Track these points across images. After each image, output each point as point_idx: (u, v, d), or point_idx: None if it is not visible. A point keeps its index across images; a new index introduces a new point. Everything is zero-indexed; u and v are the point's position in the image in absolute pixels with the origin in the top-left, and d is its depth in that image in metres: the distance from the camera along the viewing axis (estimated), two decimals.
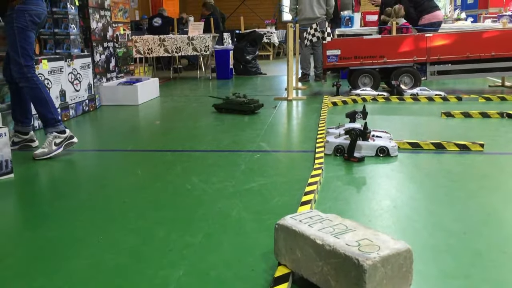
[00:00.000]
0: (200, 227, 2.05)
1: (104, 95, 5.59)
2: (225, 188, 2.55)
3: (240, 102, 4.76)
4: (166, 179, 2.75)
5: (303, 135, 3.84)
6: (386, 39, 6.03)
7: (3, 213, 2.34)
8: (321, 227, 1.53)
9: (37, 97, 3.28)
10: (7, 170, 2.83)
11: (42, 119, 3.31)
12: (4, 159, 2.81)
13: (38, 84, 3.25)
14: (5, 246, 1.92)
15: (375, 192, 2.44)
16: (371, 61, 5.78)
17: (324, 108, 4.81)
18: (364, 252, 1.34)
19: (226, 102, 4.88)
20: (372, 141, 3.09)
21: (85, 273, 1.69)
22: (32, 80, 3.22)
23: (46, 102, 3.30)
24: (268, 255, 1.76)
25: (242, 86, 7.30)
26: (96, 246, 1.90)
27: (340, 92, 5.81)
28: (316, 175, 2.60)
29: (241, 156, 3.20)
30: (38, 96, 3.27)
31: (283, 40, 13.34)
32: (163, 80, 8.05)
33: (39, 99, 3.28)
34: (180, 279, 1.62)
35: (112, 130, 4.41)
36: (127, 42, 6.65)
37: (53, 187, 2.80)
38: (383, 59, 5.76)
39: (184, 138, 3.84)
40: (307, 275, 1.50)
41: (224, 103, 4.89)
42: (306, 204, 2.18)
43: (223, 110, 4.88)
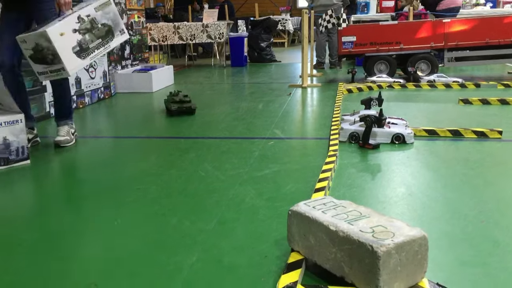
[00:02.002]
0: (213, 214, 2.04)
1: (119, 82, 5.61)
2: (238, 175, 2.54)
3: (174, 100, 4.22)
4: (180, 166, 2.75)
5: (318, 122, 3.81)
6: (403, 25, 5.93)
7: (21, 199, 2.37)
8: (335, 213, 1.51)
9: (67, 89, 3.32)
10: (24, 156, 2.86)
11: (65, 110, 3.31)
12: (21, 145, 2.83)
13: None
14: (22, 231, 1.94)
15: (390, 179, 2.41)
16: (387, 47, 5.70)
17: (339, 95, 4.76)
18: (378, 238, 1.32)
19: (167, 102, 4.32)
20: (388, 128, 3.05)
21: (99, 258, 1.70)
22: None
23: (70, 94, 3.37)
24: (281, 241, 1.75)
25: (256, 74, 7.27)
26: (110, 231, 1.91)
27: (356, 79, 5.74)
28: (331, 162, 2.58)
29: (255, 143, 3.18)
30: (68, 88, 3.32)
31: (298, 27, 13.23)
32: (177, 67, 8.05)
33: (68, 90, 3.33)
34: (193, 265, 1.62)
35: (126, 117, 4.43)
36: (142, 30, 6.65)
37: (68, 173, 2.83)
38: (400, 46, 5.67)
39: (198, 125, 3.84)
40: (320, 262, 1.49)
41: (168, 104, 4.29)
42: (320, 191, 2.17)
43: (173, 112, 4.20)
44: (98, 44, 2.97)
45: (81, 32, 2.86)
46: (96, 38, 2.95)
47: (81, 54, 2.87)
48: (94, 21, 2.93)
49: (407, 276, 1.34)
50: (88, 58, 2.92)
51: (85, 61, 2.91)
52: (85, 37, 2.88)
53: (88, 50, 2.91)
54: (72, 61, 2.82)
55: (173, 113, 4.13)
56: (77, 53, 2.85)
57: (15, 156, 2.82)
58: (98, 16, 2.95)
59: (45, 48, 2.74)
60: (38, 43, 2.75)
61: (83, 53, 2.88)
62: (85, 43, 2.89)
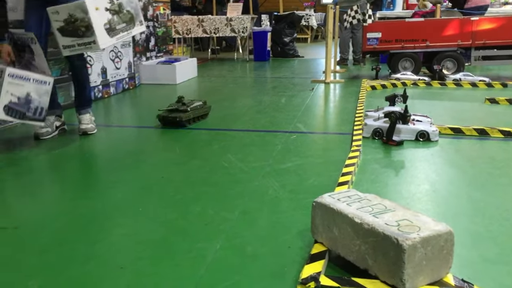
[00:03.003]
0: (236, 204, 2.06)
1: (143, 73, 5.67)
2: (261, 167, 2.55)
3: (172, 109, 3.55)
4: (203, 157, 2.78)
5: (341, 118, 3.80)
6: (429, 22, 5.86)
7: (46, 184, 2.43)
8: (360, 206, 1.51)
9: (86, 76, 3.39)
10: (40, 117, 2.95)
11: (86, 98, 3.37)
12: (40, 106, 2.93)
13: (86, 63, 3.35)
14: (48, 215, 1.99)
15: (414, 176, 2.40)
16: (413, 44, 5.63)
17: (362, 92, 4.73)
18: (404, 232, 1.32)
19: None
20: (412, 125, 3.02)
21: (124, 243, 1.73)
22: (85, 59, 3.33)
23: (89, 82, 3.44)
24: (304, 233, 1.76)
25: (279, 68, 7.26)
26: (134, 218, 1.94)
27: (379, 76, 5.70)
28: (354, 157, 2.57)
29: (278, 137, 3.19)
30: (87, 75, 3.39)
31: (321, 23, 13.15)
32: (200, 60, 8.09)
33: (87, 78, 3.40)
34: (217, 252, 1.64)
35: (150, 107, 4.47)
36: (167, 22, 6.70)
37: (94, 161, 2.88)
38: (426, 43, 5.60)
39: (221, 117, 3.86)
40: (344, 254, 1.49)
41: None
42: (343, 185, 2.17)
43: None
44: (123, 28, 3.03)
45: (111, 12, 2.94)
46: (122, 21, 3.02)
47: (110, 32, 2.94)
48: (121, 5, 3.00)
49: (432, 270, 1.34)
50: (115, 38, 2.97)
51: (112, 39, 2.96)
52: (114, 17, 2.96)
53: (115, 31, 2.98)
54: (103, 36, 2.88)
55: (160, 121, 3.49)
56: (107, 30, 2.92)
57: (32, 114, 2.91)
58: (124, 2, 3.01)
59: (79, 19, 2.81)
60: (72, 14, 2.82)
61: (111, 32, 2.94)
62: (114, 23, 2.96)
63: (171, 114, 3.44)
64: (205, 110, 3.74)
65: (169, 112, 3.46)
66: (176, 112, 3.46)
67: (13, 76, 2.82)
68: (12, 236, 1.78)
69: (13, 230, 1.82)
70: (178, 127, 3.41)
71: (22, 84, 2.85)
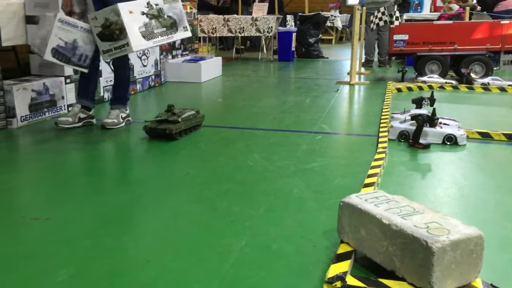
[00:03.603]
0: (261, 202, 2.07)
1: (169, 71, 5.73)
2: (286, 167, 2.56)
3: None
4: (229, 154, 2.80)
5: (366, 119, 3.77)
6: (458, 25, 5.77)
7: (75, 178, 2.47)
8: (388, 207, 1.51)
9: (126, 76, 3.47)
10: (84, 64, 3.16)
11: (119, 96, 3.43)
12: (85, 54, 3.14)
13: (129, 64, 3.48)
14: (76, 208, 2.03)
15: (441, 179, 2.37)
16: (440, 47, 5.56)
17: (388, 94, 4.69)
18: (433, 234, 1.31)
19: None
20: (440, 128, 2.98)
21: (151, 237, 1.76)
22: (128, 59, 3.43)
23: (129, 83, 3.54)
24: (329, 233, 1.76)
25: (303, 69, 7.24)
26: (161, 212, 1.97)
27: (405, 78, 5.64)
28: (380, 158, 2.56)
29: (302, 137, 3.19)
30: (127, 75, 3.48)
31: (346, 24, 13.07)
32: (225, 60, 8.12)
33: (127, 78, 3.49)
34: (243, 249, 1.65)
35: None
36: (193, 21, 6.75)
37: (121, 156, 2.92)
38: (454, 46, 5.52)
39: (246, 116, 3.88)
40: (370, 255, 1.49)
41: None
42: (369, 186, 2.16)
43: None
44: (162, 32, 3.15)
45: (148, 16, 3.04)
46: (161, 26, 3.14)
47: (146, 35, 3.04)
48: (161, 11, 3.11)
49: (460, 274, 1.32)
50: (151, 41, 3.08)
51: (148, 42, 3.07)
52: (151, 22, 3.06)
53: (153, 34, 3.09)
54: (137, 39, 2.99)
55: (147, 134, 3.10)
56: (142, 33, 3.03)
57: (77, 60, 3.13)
58: (165, 8, 3.13)
59: (113, 23, 2.94)
60: (108, 18, 2.96)
61: (148, 35, 3.05)
62: (151, 27, 3.07)
63: (160, 125, 3.02)
64: (198, 121, 3.33)
65: (157, 123, 3.03)
66: (165, 123, 3.03)
67: (62, 22, 3.05)
68: (44, 227, 1.82)
69: (45, 221, 1.86)
70: (167, 140, 3.02)
71: (70, 30, 3.07)
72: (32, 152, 2.90)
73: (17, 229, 1.80)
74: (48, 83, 3.60)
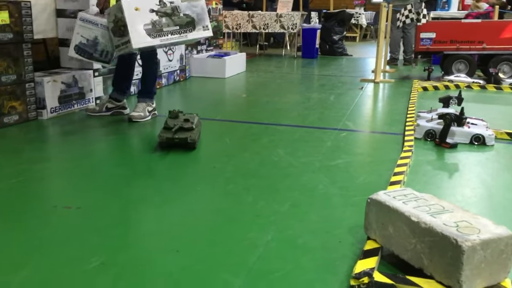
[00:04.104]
0: (287, 197, 2.08)
1: (193, 66, 5.77)
2: (311, 163, 2.56)
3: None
4: (253, 150, 2.81)
5: (391, 118, 3.74)
6: (487, 23, 5.67)
7: (103, 168, 2.52)
8: (416, 205, 1.50)
9: (153, 70, 3.53)
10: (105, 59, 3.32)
11: (147, 90, 3.49)
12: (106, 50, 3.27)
13: (157, 58, 3.52)
14: (105, 198, 2.07)
15: (468, 179, 2.34)
16: (468, 46, 5.47)
17: (413, 92, 4.65)
18: (463, 233, 1.30)
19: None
20: (467, 128, 2.95)
21: (179, 227, 1.78)
22: (156, 53, 3.48)
23: (156, 77, 3.60)
24: (355, 229, 1.76)
25: (327, 66, 7.21)
26: (188, 204, 1.99)
27: (432, 77, 5.57)
28: (406, 157, 2.54)
29: (327, 133, 3.19)
30: (154, 69, 3.54)
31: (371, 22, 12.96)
32: (248, 56, 8.13)
33: (154, 72, 3.54)
34: (268, 243, 1.67)
35: (200, 99, 4.56)
36: (218, 16, 6.78)
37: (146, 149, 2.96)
38: (482, 45, 5.43)
39: (270, 112, 3.89)
40: (398, 252, 1.48)
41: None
42: (395, 184, 2.15)
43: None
44: (174, 31, 3.07)
45: (158, 14, 3.00)
46: (174, 24, 3.06)
47: (152, 33, 2.98)
48: (177, 9, 3.07)
49: (490, 274, 1.31)
50: (158, 39, 3.01)
51: (154, 40, 3.00)
52: (162, 19, 3.01)
53: (161, 32, 3.02)
54: (139, 36, 2.93)
55: (162, 145, 2.77)
56: (148, 31, 2.97)
57: (99, 56, 3.27)
58: (182, 6, 3.08)
59: (119, 19, 2.96)
60: (116, 15, 2.99)
61: (155, 33, 2.99)
62: (160, 25, 3.00)
63: (177, 134, 2.70)
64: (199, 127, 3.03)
65: (173, 133, 2.70)
66: (182, 132, 2.73)
67: (84, 20, 3.21)
68: (75, 216, 1.86)
69: (76, 210, 1.91)
70: (186, 149, 2.72)
71: (90, 28, 3.21)
72: (61, 143, 2.96)
73: (50, 217, 1.85)
74: (77, 76, 3.67)
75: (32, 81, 3.35)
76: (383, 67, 6.51)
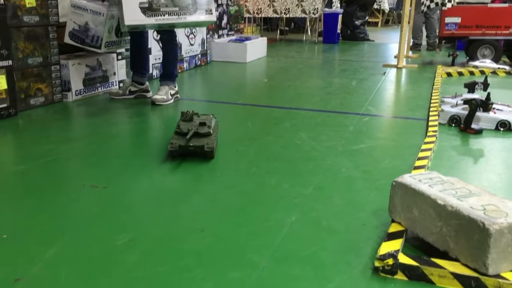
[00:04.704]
0: (310, 180, 2.09)
1: (215, 51, 5.77)
2: (334, 147, 2.56)
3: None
4: (276, 133, 2.82)
5: (414, 103, 3.70)
6: None
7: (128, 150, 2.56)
8: (442, 188, 1.50)
9: (173, 52, 3.52)
10: (97, 44, 3.37)
11: (168, 72, 3.51)
12: (97, 35, 3.34)
13: (177, 40, 3.52)
14: (131, 178, 2.10)
15: (494, 165, 2.32)
16: (494, 31, 5.35)
17: (437, 78, 4.58)
18: (491, 216, 1.29)
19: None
20: (493, 114, 2.90)
21: (204, 208, 1.81)
22: (175, 35, 3.48)
23: (176, 59, 3.60)
24: (378, 212, 1.76)
25: (349, 51, 7.14)
26: (212, 185, 2.02)
27: (456, 63, 5.47)
28: (430, 142, 2.52)
29: (349, 118, 3.17)
30: (174, 51, 3.53)
31: (393, 7, 12.73)
32: (269, 41, 8.09)
33: (174, 54, 3.55)
34: (293, 224, 1.68)
35: (222, 84, 4.57)
36: (239, 1, 6.75)
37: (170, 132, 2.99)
38: (509, 30, 5.30)
39: (292, 97, 3.88)
40: (423, 235, 1.48)
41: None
42: (419, 168, 2.13)
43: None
44: (172, 12, 3.04)
45: None
46: (173, 5, 3.03)
47: (147, 11, 2.97)
48: None
49: None
50: (153, 19, 2.99)
51: (149, 19, 2.98)
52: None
53: (157, 12, 3.00)
54: (133, 14, 2.94)
55: (174, 154, 2.32)
56: (143, 9, 2.97)
57: (90, 41, 3.37)
58: None
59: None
60: None
61: (150, 11, 2.98)
62: (158, 4, 2.99)
63: (192, 141, 2.28)
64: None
65: (187, 140, 2.27)
66: (198, 138, 2.32)
67: (75, 7, 3.33)
68: (102, 194, 1.90)
69: (103, 189, 1.95)
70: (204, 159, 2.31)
71: (81, 14, 3.33)
72: (87, 125, 3.01)
73: (78, 196, 1.89)
74: (101, 59, 3.71)
75: (58, 63, 3.40)
76: (406, 52, 6.41)
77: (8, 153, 2.50)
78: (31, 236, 1.57)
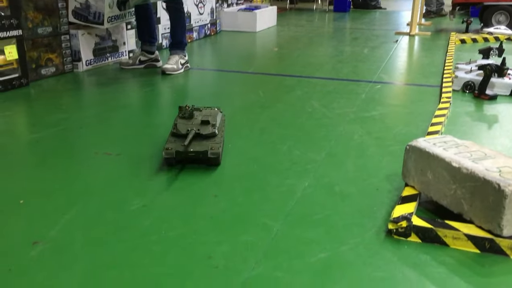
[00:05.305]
0: (322, 146, 2.08)
1: (224, 20, 5.70)
2: (346, 114, 2.54)
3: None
4: (287, 101, 2.80)
5: (428, 70, 3.65)
6: None
7: (139, 118, 2.56)
8: (457, 151, 1.48)
9: (180, 20, 3.49)
10: (99, 21, 3.37)
11: (176, 41, 3.48)
12: (98, 11, 3.34)
13: (183, 8, 3.48)
14: (144, 146, 2.11)
15: (508, 130, 2.29)
16: None
17: (451, 45, 4.49)
18: (506, 178, 1.28)
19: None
20: (508, 79, 2.85)
21: (217, 173, 1.81)
22: (181, 3, 3.43)
23: (184, 27, 3.56)
24: (392, 177, 1.76)
25: (360, 20, 7.02)
26: (225, 152, 2.02)
27: (470, 29, 5.36)
28: (444, 108, 2.49)
29: (361, 86, 3.14)
30: (181, 19, 3.49)
31: None
32: (279, 10, 7.97)
33: (181, 22, 3.51)
34: (306, 189, 1.68)
35: (232, 53, 4.53)
36: None
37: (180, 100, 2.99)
38: None
39: (303, 65, 3.84)
40: (437, 198, 1.48)
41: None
42: (432, 134, 2.11)
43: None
44: None
45: None
46: None
47: None
48: None
49: None
50: None
51: None
52: None
53: None
54: None
55: (170, 162, 1.85)
56: None
57: (93, 18, 3.36)
58: None
59: None
60: None
61: None
62: None
63: (193, 146, 1.84)
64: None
65: (185, 146, 1.81)
66: (199, 141, 1.87)
67: None
68: (116, 161, 1.92)
69: (116, 156, 1.96)
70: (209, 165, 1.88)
71: None
72: (98, 94, 3.01)
73: (92, 163, 1.90)
74: (111, 29, 3.68)
75: (67, 33, 3.38)
76: (419, 20, 6.29)
77: (22, 122, 2.51)
78: (47, 201, 1.59)
